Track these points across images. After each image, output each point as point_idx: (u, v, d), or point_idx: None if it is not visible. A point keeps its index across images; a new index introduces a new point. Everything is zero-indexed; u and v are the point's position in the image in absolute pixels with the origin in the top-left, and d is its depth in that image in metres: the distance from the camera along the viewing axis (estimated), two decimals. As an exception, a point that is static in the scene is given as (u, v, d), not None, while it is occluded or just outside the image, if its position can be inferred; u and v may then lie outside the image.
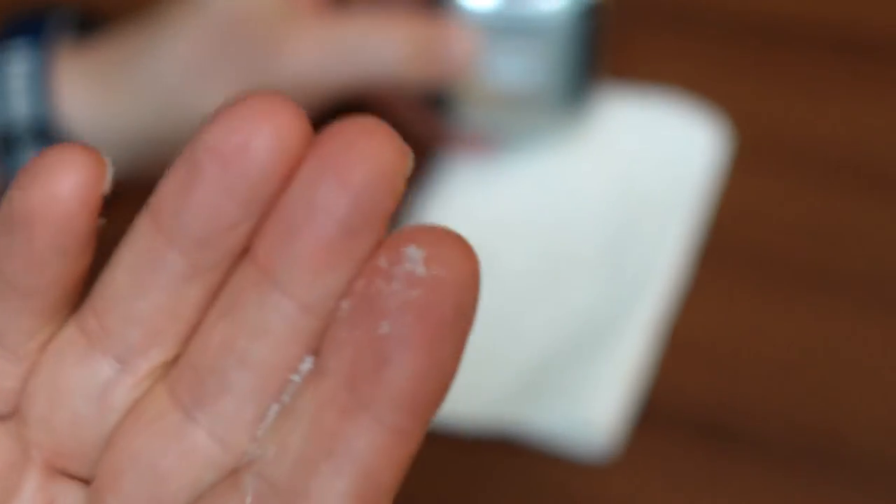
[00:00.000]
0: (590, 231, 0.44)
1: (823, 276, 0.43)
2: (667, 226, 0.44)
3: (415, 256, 0.18)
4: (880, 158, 0.46)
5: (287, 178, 0.18)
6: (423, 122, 0.47)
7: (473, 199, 0.45)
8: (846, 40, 0.50)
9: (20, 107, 0.43)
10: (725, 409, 0.40)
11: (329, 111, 0.50)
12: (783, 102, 0.48)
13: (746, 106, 0.48)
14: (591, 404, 0.39)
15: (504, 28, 0.43)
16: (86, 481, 0.21)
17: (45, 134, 0.43)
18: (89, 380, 0.20)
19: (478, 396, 0.40)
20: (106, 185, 0.20)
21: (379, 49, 0.42)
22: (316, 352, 0.19)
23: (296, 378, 0.19)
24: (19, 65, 0.43)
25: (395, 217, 0.46)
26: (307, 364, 0.19)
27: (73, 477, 0.21)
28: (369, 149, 0.18)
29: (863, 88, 0.48)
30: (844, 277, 0.43)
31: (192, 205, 0.18)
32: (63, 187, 0.19)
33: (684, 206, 0.44)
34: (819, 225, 0.45)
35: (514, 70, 0.44)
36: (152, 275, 0.19)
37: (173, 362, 0.20)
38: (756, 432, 0.40)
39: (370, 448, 0.18)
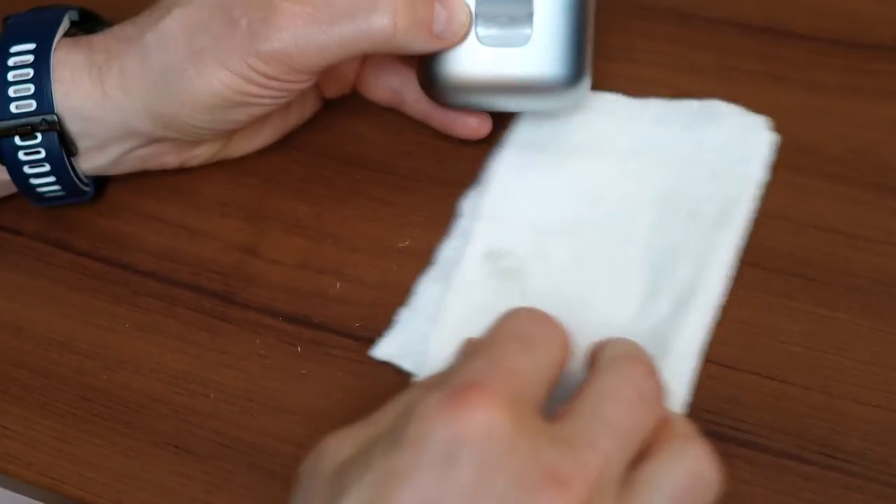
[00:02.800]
0: (633, 236, 0.44)
1: (830, 276, 0.43)
2: (712, 233, 0.43)
3: None
4: (880, 158, 0.46)
5: None
6: (420, 101, 0.47)
7: (518, 199, 0.45)
8: (848, 39, 0.50)
9: (17, 99, 0.43)
10: (723, 413, 0.40)
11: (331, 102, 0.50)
12: (785, 101, 0.48)
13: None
14: None
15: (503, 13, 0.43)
16: None
17: (45, 125, 0.43)
18: None
19: None
20: None
21: (369, 15, 0.42)
22: None
23: None
24: (17, 59, 0.43)
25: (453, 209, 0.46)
26: None
27: None
28: None
29: (864, 88, 0.48)
30: (849, 280, 0.43)
31: None
32: None
33: (731, 212, 0.43)
34: (825, 225, 0.44)
35: (507, 41, 0.44)
36: None
37: None
38: (752, 433, 0.40)
39: None
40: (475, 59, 0.44)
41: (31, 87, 0.43)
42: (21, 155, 0.44)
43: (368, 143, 0.49)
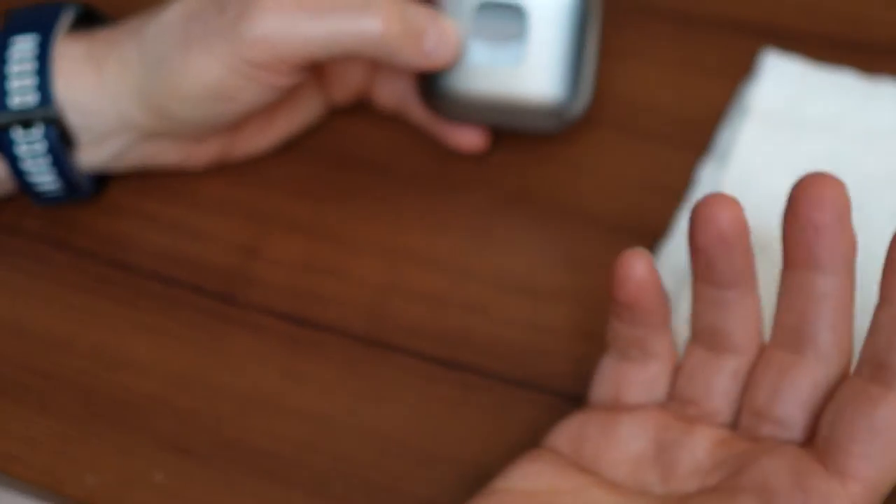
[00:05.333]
0: (878, 213, 0.44)
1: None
2: None
3: None
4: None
5: None
6: (421, 109, 0.47)
7: (759, 171, 0.46)
8: (848, 41, 0.50)
9: (18, 92, 0.43)
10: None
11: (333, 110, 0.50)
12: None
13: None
14: None
15: (492, 15, 0.43)
16: None
17: (45, 119, 0.43)
18: None
19: None
20: None
21: (360, 14, 0.42)
22: None
23: None
24: (19, 52, 0.43)
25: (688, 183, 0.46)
26: None
27: None
28: None
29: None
30: None
31: None
32: None
33: None
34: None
35: (502, 58, 0.44)
36: None
37: None
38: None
39: None
40: (470, 75, 0.44)
41: (32, 80, 0.43)
42: (21, 149, 0.44)
43: (369, 143, 0.49)
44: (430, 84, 0.45)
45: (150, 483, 0.40)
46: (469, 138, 0.47)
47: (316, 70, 0.48)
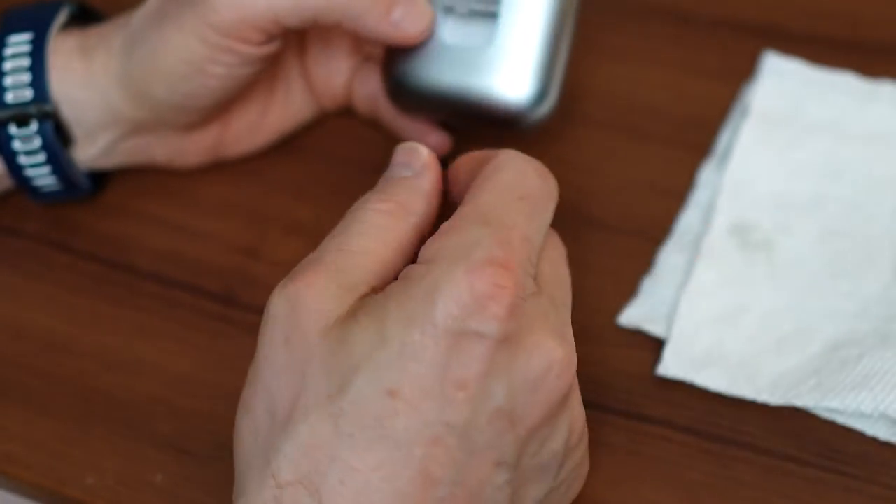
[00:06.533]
0: (878, 215, 0.44)
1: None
2: None
3: None
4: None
5: None
6: (390, 110, 0.47)
7: (759, 172, 0.46)
8: (848, 41, 0.50)
9: (13, 88, 0.43)
10: (723, 414, 0.40)
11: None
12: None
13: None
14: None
15: (466, 6, 0.43)
16: None
17: (40, 114, 0.43)
18: None
19: (769, 376, 0.40)
20: None
21: None
22: None
23: None
24: (13, 49, 0.44)
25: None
26: None
27: None
28: None
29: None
30: None
31: None
32: None
33: None
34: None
35: (472, 44, 0.43)
36: None
37: None
38: (753, 435, 0.40)
39: None
40: (436, 65, 0.43)
41: (27, 76, 0.43)
42: (17, 144, 0.44)
43: (368, 143, 0.49)
44: (392, 72, 0.44)
45: (150, 483, 0.40)
46: (433, 140, 0.47)
47: (304, 70, 0.48)
